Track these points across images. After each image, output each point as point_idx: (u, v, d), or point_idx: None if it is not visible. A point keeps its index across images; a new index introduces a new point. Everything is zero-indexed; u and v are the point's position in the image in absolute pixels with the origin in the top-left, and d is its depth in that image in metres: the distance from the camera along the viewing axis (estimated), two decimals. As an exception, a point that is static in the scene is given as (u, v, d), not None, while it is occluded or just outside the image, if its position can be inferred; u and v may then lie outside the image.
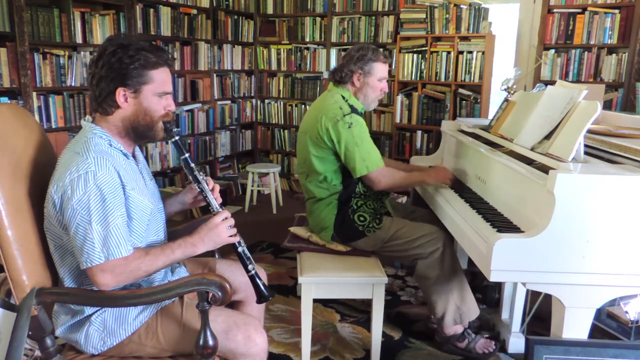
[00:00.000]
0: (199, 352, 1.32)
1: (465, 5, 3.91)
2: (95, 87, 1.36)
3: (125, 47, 1.34)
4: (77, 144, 1.35)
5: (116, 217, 1.29)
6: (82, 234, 1.27)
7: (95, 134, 1.37)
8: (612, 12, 3.61)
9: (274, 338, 2.35)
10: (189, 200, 1.66)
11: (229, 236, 1.46)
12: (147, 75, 1.36)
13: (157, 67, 1.38)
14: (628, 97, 3.57)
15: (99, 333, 1.37)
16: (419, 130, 4.24)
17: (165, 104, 1.42)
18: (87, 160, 1.29)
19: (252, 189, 4.42)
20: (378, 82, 2.25)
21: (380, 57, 2.24)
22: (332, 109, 2.14)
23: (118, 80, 1.34)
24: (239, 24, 4.88)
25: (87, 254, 1.27)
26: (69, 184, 1.27)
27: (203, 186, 1.52)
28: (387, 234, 2.15)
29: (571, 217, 1.48)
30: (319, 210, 2.22)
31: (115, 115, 1.39)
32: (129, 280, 1.33)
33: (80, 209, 1.26)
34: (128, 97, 1.37)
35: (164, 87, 1.40)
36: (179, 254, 1.38)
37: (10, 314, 1.25)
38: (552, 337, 1.61)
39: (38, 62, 3.09)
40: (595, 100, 1.65)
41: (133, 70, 1.34)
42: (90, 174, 1.27)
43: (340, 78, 2.24)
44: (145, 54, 1.35)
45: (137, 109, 1.38)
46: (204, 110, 4.54)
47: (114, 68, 1.33)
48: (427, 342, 2.32)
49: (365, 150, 2.10)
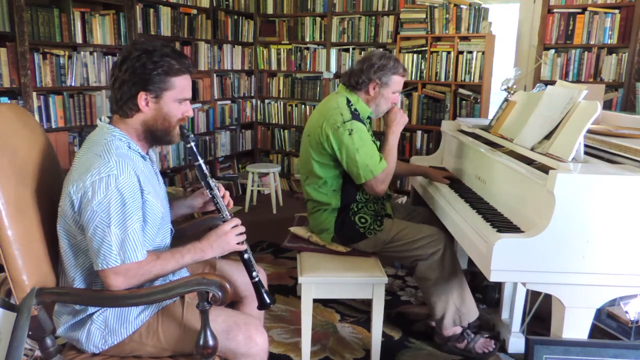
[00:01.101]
0: (199, 352, 1.32)
1: (465, 5, 3.91)
2: (118, 90, 1.38)
3: (149, 53, 1.35)
4: (97, 146, 1.35)
5: (134, 221, 1.31)
6: (100, 236, 1.28)
7: (115, 137, 1.38)
8: (612, 12, 3.61)
9: (274, 338, 2.35)
10: (199, 205, 1.68)
11: (237, 243, 1.49)
12: (169, 82, 1.38)
13: (179, 74, 1.39)
14: (628, 97, 3.57)
15: (100, 331, 1.37)
16: (419, 130, 4.24)
17: (183, 110, 1.44)
18: (109, 163, 1.30)
19: (252, 189, 4.42)
20: (392, 94, 2.22)
21: (400, 70, 2.19)
22: (333, 114, 2.11)
23: (140, 85, 1.35)
24: (239, 24, 4.88)
25: (103, 256, 1.28)
26: (90, 186, 1.27)
27: (215, 193, 1.54)
28: (388, 236, 2.15)
29: (571, 217, 1.48)
30: (319, 213, 2.21)
31: (135, 119, 1.40)
32: (138, 283, 1.34)
33: (100, 211, 1.27)
34: (149, 101, 1.38)
35: (184, 94, 1.42)
36: (188, 259, 1.41)
37: (10, 314, 1.26)
38: (552, 337, 1.61)
39: (38, 62, 3.09)
40: (595, 100, 1.65)
41: (156, 76, 1.35)
42: (112, 177, 1.28)
43: (355, 84, 2.19)
44: (168, 61, 1.36)
45: (156, 114, 1.40)
46: (204, 110, 4.54)
47: (137, 73, 1.35)
48: (427, 342, 2.32)
49: (367, 155, 2.07)
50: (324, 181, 2.17)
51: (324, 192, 2.19)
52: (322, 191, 2.19)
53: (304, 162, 2.24)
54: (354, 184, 2.15)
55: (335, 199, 2.19)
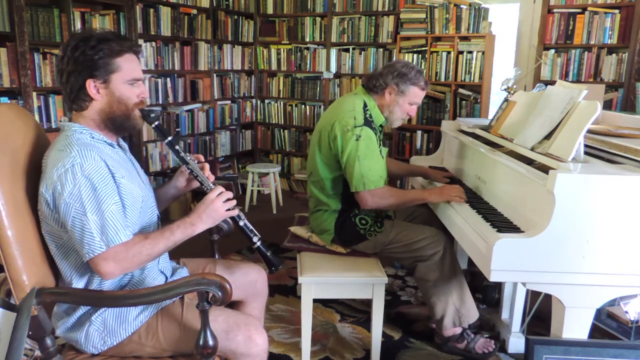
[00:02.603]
0: (199, 352, 1.32)
1: (465, 5, 3.91)
2: (66, 83, 1.37)
3: (86, 40, 1.34)
4: (59, 143, 1.35)
5: (109, 204, 1.30)
6: (80, 226, 1.27)
7: (75, 130, 1.37)
8: (612, 12, 3.61)
9: (274, 338, 2.35)
10: (182, 184, 1.65)
11: (227, 210, 1.44)
12: (114, 64, 1.36)
13: (121, 54, 1.37)
14: (628, 97, 3.57)
15: (99, 332, 1.37)
16: (419, 130, 4.24)
17: (138, 92, 1.42)
18: (71, 153, 1.29)
19: (252, 189, 4.42)
20: (408, 105, 2.19)
21: (420, 83, 2.16)
22: (346, 116, 2.08)
23: (86, 73, 1.34)
24: (239, 24, 4.88)
25: (87, 245, 1.27)
26: (58, 180, 1.27)
27: (192, 166, 1.50)
28: (388, 237, 2.15)
29: (571, 217, 1.48)
30: (320, 213, 2.21)
31: (91, 109, 1.39)
32: (132, 266, 1.33)
33: (73, 201, 1.26)
34: (99, 87, 1.36)
35: (133, 74, 1.40)
36: (179, 234, 1.38)
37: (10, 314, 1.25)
38: (552, 337, 1.61)
39: (38, 62, 3.09)
40: (595, 100, 1.65)
41: (98, 60, 1.34)
42: (77, 165, 1.27)
43: (373, 86, 2.18)
44: (108, 43, 1.35)
45: (110, 99, 1.38)
46: (204, 110, 4.54)
47: (79, 61, 1.33)
48: (427, 342, 2.32)
49: (367, 166, 2.03)
50: (325, 181, 2.16)
51: (324, 193, 2.18)
52: (323, 191, 2.19)
53: (310, 158, 2.24)
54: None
55: (335, 202, 2.18)
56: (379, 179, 2.07)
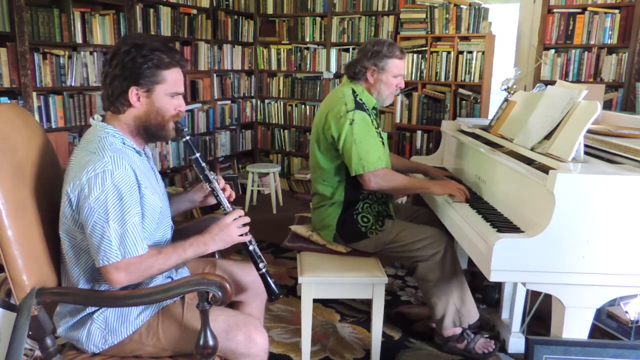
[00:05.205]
0: (199, 352, 1.32)
1: (465, 5, 3.91)
2: (109, 85, 1.37)
3: (139, 47, 1.35)
4: (91, 143, 1.35)
5: (132, 215, 1.31)
6: (100, 232, 1.28)
7: (109, 133, 1.38)
8: (612, 12, 3.61)
9: (274, 338, 2.35)
10: (199, 199, 1.68)
11: (240, 235, 1.48)
12: (160, 75, 1.37)
13: (170, 67, 1.39)
14: (628, 97, 3.57)
15: (100, 331, 1.37)
16: (419, 130, 4.24)
17: (176, 104, 1.43)
18: (103, 159, 1.29)
19: (252, 189, 4.42)
20: (393, 78, 2.19)
21: (395, 53, 2.17)
22: (337, 104, 2.11)
23: (131, 80, 1.35)
24: (239, 24, 4.88)
25: (104, 252, 1.28)
26: (86, 182, 1.27)
27: (214, 185, 1.54)
28: (389, 237, 2.15)
29: (571, 217, 1.48)
30: (324, 208, 2.21)
31: (127, 115, 1.40)
32: (141, 278, 1.34)
33: (98, 207, 1.27)
34: (141, 96, 1.38)
35: (176, 88, 1.42)
36: (191, 252, 1.40)
37: (10, 314, 1.25)
38: (552, 337, 1.61)
39: (38, 62, 3.09)
40: (595, 100, 1.65)
41: (146, 69, 1.35)
42: (108, 172, 1.28)
43: (354, 74, 2.20)
44: (158, 54, 1.36)
45: (149, 109, 1.40)
46: (204, 110, 4.54)
47: (127, 67, 1.34)
48: (427, 342, 2.32)
49: (364, 149, 2.05)
50: (327, 172, 2.16)
51: (328, 184, 2.18)
52: (326, 183, 2.18)
53: (311, 155, 2.25)
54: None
55: (340, 190, 2.17)
56: (378, 160, 2.07)
